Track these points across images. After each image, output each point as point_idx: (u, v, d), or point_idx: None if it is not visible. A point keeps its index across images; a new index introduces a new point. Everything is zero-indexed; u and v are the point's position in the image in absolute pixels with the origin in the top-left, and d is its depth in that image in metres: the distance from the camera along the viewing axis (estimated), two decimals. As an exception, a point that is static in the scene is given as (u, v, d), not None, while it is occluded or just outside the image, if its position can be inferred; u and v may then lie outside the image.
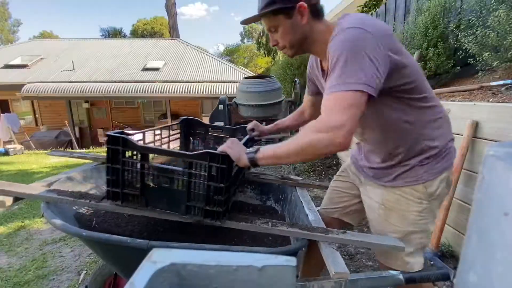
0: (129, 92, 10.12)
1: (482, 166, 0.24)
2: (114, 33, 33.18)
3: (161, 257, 0.37)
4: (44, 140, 9.81)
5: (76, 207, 1.13)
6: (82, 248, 2.26)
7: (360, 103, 0.76)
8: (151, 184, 0.93)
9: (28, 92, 9.77)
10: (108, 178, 0.92)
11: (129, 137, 0.91)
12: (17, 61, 11.83)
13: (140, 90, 10.14)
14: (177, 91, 10.14)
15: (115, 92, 10.07)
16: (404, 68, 0.87)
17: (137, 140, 1.09)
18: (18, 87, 10.02)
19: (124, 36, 32.85)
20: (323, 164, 4.17)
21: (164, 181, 0.92)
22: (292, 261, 0.38)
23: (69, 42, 14.87)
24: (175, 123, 1.55)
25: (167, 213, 0.94)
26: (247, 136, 1.30)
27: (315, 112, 1.27)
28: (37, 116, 12.31)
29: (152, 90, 10.15)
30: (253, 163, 0.87)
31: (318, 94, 1.20)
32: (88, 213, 1.17)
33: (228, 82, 10.80)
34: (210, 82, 10.76)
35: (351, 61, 0.77)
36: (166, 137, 1.46)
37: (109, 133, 0.90)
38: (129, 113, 13.22)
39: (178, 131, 1.58)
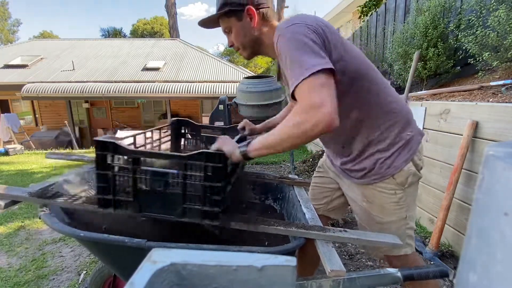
0: (129, 92, 10.12)
1: (482, 166, 0.24)
2: (114, 33, 33.15)
3: (161, 257, 0.37)
4: (44, 140, 9.80)
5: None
6: (82, 248, 2.26)
7: (329, 81, 0.78)
8: (144, 187, 0.90)
9: (28, 92, 9.77)
10: (98, 185, 0.89)
11: (119, 141, 0.88)
12: (17, 61, 11.81)
13: (140, 90, 10.13)
14: (177, 91, 10.14)
15: (115, 92, 10.06)
16: (346, 62, 0.90)
17: (128, 144, 1.07)
18: (18, 87, 10.01)
19: (124, 36, 32.83)
20: (323, 164, 4.16)
21: (157, 184, 0.90)
22: (292, 261, 0.38)
23: (69, 42, 14.85)
24: (166, 125, 1.56)
25: (164, 217, 0.92)
26: (239, 135, 1.32)
27: None
28: (37, 116, 12.31)
29: (152, 90, 10.14)
30: (246, 156, 0.88)
31: None
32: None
33: (228, 82, 10.80)
34: (210, 82, 10.76)
35: (301, 51, 0.80)
36: (157, 139, 1.45)
37: (98, 138, 0.87)
38: (129, 113, 13.22)
39: (169, 132, 1.58)
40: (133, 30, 33.44)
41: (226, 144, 0.91)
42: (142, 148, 1.26)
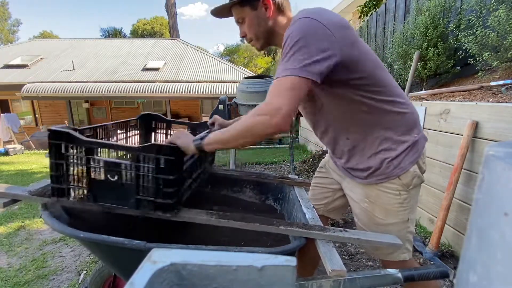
0: (129, 92, 10.12)
1: (482, 166, 0.24)
2: (114, 33, 33.15)
3: (161, 257, 0.37)
4: (44, 140, 9.78)
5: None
6: (82, 248, 2.26)
7: (300, 87, 0.79)
8: (98, 178, 0.92)
9: (28, 92, 9.77)
10: (51, 174, 0.91)
11: (73, 131, 0.89)
12: (17, 61, 11.81)
13: (140, 90, 10.13)
14: (177, 91, 10.14)
15: (115, 92, 10.06)
16: (357, 62, 0.88)
17: (87, 135, 1.09)
18: (18, 87, 10.01)
19: (124, 36, 32.84)
20: (323, 164, 4.16)
21: (111, 175, 0.91)
22: (292, 261, 0.38)
23: (69, 42, 14.85)
24: (133, 118, 1.55)
25: (117, 208, 0.93)
26: (207, 130, 1.31)
27: None
28: (37, 116, 12.31)
29: (152, 90, 10.14)
30: (200, 149, 0.89)
31: None
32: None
33: (228, 82, 10.79)
34: (210, 82, 10.76)
35: (297, 48, 0.80)
36: (123, 133, 1.46)
37: (52, 128, 0.89)
38: (129, 113, 13.21)
39: (138, 127, 1.57)
40: (133, 30, 33.42)
41: (180, 138, 0.91)
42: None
